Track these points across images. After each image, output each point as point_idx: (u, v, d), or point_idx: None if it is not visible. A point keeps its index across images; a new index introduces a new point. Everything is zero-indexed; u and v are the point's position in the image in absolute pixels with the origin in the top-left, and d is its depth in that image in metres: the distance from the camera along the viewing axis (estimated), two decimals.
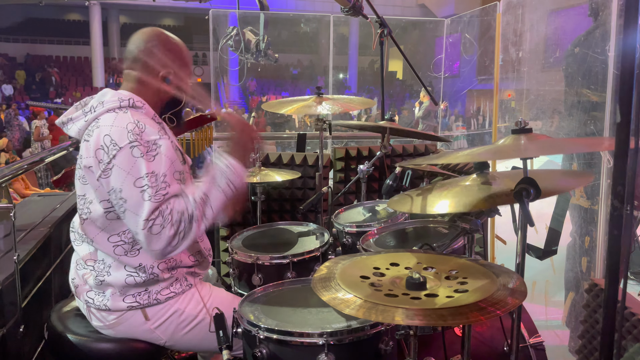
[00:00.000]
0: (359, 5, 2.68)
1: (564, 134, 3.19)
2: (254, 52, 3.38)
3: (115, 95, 1.58)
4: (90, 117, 1.55)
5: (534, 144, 1.27)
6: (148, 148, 1.50)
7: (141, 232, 1.45)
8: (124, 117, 1.52)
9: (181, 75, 1.70)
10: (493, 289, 1.17)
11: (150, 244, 1.46)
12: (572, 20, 3.41)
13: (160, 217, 1.45)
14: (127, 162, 1.46)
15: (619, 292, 1.01)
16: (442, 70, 6.17)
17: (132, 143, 1.47)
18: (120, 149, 1.47)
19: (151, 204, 1.45)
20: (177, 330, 1.66)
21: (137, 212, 1.45)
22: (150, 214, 1.44)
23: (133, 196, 1.46)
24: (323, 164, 2.74)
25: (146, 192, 1.45)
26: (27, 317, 1.92)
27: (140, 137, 1.49)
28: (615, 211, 0.97)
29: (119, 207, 1.49)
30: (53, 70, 20.90)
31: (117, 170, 1.46)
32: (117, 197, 1.47)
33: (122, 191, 1.46)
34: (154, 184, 1.47)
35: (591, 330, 2.28)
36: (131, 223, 1.47)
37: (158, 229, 1.45)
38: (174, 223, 1.46)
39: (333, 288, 1.23)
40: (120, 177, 1.46)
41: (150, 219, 1.44)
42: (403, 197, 1.51)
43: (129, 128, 1.49)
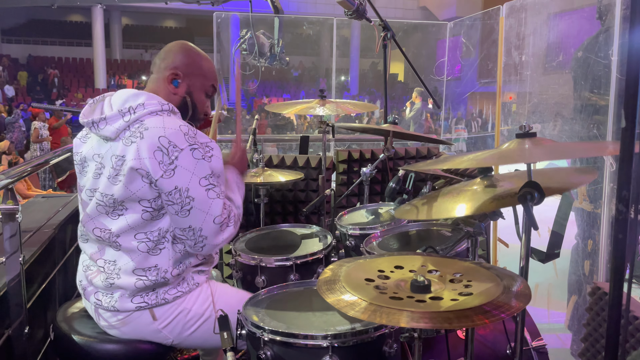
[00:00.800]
0: (362, 8, 2.69)
1: (566, 137, 3.19)
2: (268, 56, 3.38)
3: (151, 98, 1.59)
4: (131, 118, 1.54)
5: (538, 148, 1.28)
6: (205, 150, 1.56)
7: (212, 227, 1.56)
8: (171, 121, 1.55)
9: (194, 83, 1.71)
10: (497, 292, 1.17)
11: (215, 237, 1.59)
12: (575, 24, 3.42)
13: (227, 215, 1.61)
14: (191, 163, 1.52)
15: (623, 295, 1.02)
16: (444, 73, 6.18)
17: (192, 145, 1.53)
18: (181, 151, 1.51)
19: (219, 201, 1.57)
20: (184, 330, 1.67)
21: (205, 209, 1.55)
22: (222, 210, 1.58)
23: (200, 195, 1.54)
24: (326, 166, 2.75)
25: (212, 190, 1.56)
26: (32, 319, 1.93)
27: (196, 139, 1.55)
28: (620, 215, 0.97)
29: (183, 205, 1.54)
30: (54, 72, 20.93)
31: (181, 171, 1.51)
32: (182, 196, 1.53)
33: (189, 190, 1.53)
34: (217, 182, 1.58)
35: (594, 333, 2.28)
36: (196, 220, 1.55)
37: (225, 225, 1.60)
38: (236, 221, 1.65)
39: (338, 290, 1.24)
40: (186, 177, 1.52)
41: (222, 215, 1.58)
42: (410, 207, 1.51)
43: (184, 130, 1.53)
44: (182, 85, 1.69)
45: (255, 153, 2.71)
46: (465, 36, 6.47)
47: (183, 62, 1.69)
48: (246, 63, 3.61)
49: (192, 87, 1.71)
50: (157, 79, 1.69)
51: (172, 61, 1.68)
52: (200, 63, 1.72)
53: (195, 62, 1.71)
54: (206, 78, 1.74)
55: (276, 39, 3.42)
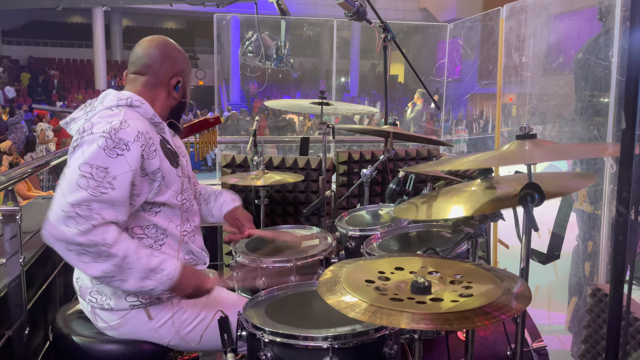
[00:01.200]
0: (362, 10, 2.70)
1: (567, 138, 3.19)
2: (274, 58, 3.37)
3: (115, 95, 1.62)
4: (90, 116, 1.58)
5: (538, 149, 1.28)
6: (115, 145, 1.48)
7: (58, 212, 1.40)
8: (113, 114, 1.55)
9: (186, 82, 1.75)
10: (498, 294, 1.17)
11: (57, 225, 1.39)
12: (575, 25, 3.42)
13: (85, 217, 1.40)
14: (89, 147, 1.47)
15: (623, 297, 1.01)
16: (444, 75, 6.19)
17: (103, 134, 1.49)
18: (90, 134, 1.49)
19: (85, 194, 1.41)
20: (180, 329, 1.67)
21: (65, 191, 1.42)
22: (79, 202, 1.40)
23: (70, 176, 1.44)
24: (326, 167, 2.75)
25: (86, 180, 1.42)
26: (32, 320, 1.93)
27: (115, 132, 1.49)
28: (620, 217, 0.97)
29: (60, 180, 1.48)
30: (55, 73, 20.94)
31: (78, 152, 1.48)
32: (62, 172, 1.48)
33: (67, 167, 1.48)
34: (100, 179, 1.44)
35: (594, 335, 2.28)
36: (55, 200, 1.43)
37: (72, 222, 1.39)
38: (93, 234, 1.41)
39: (338, 292, 1.23)
40: (75, 157, 1.48)
41: (75, 205, 1.39)
42: (409, 205, 1.52)
43: (113, 123, 1.51)
44: (182, 89, 1.73)
45: (256, 155, 2.71)
46: (465, 37, 6.47)
47: (181, 66, 1.72)
48: (247, 64, 3.63)
49: (185, 86, 1.75)
50: (155, 83, 1.67)
51: (172, 67, 1.69)
52: (187, 62, 1.76)
53: (185, 62, 1.74)
54: (190, 73, 1.77)
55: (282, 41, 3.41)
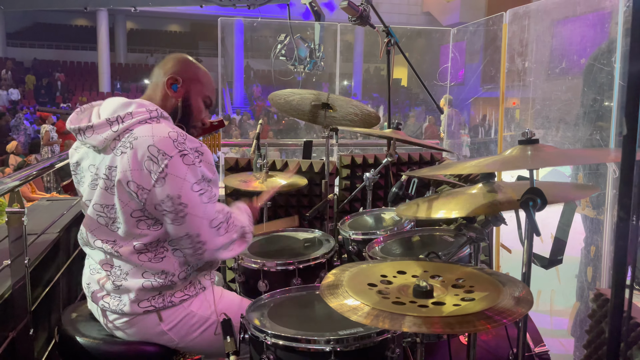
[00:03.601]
0: (366, 14, 2.71)
1: (569, 143, 3.20)
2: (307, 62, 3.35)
3: (140, 106, 1.59)
4: (120, 128, 1.54)
5: (541, 154, 1.29)
6: (195, 155, 1.55)
7: (208, 232, 1.56)
8: (161, 128, 1.54)
9: (191, 88, 1.72)
10: (499, 298, 1.18)
11: (214, 241, 1.58)
12: (578, 31, 3.43)
13: (224, 219, 1.61)
14: (181, 170, 1.50)
15: (625, 302, 1.02)
16: (447, 79, 6.20)
17: (181, 152, 1.51)
18: (171, 158, 1.49)
19: (213, 205, 1.57)
20: (188, 333, 1.68)
21: (199, 214, 1.54)
22: (216, 214, 1.58)
23: (193, 200, 1.52)
24: (329, 171, 2.75)
25: (204, 195, 1.55)
26: (37, 321, 1.94)
27: (185, 145, 1.53)
28: (621, 222, 0.98)
29: (177, 212, 1.52)
30: (60, 75, 21.03)
31: (172, 178, 1.49)
32: (175, 204, 1.50)
33: (181, 197, 1.50)
34: (208, 187, 1.57)
35: (596, 340, 2.27)
36: (192, 226, 1.54)
37: (224, 230, 1.61)
38: (236, 227, 1.65)
39: (341, 295, 1.24)
40: (177, 184, 1.50)
41: (217, 218, 1.58)
42: (410, 205, 1.53)
43: (172, 137, 1.51)
44: (180, 90, 1.70)
45: (259, 158, 2.72)
46: (469, 42, 6.48)
47: (182, 68, 1.71)
48: (251, 68, 3.63)
49: (190, 92, 1.72)
50: (156, 84, 1.71)
51: (172, 67, 1.71)
52: (199, 73, 1.76)
53: (194, 71, 1.74)
54: (204, 86, 1.75)
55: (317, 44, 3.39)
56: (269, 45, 13.91)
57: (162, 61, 1.75)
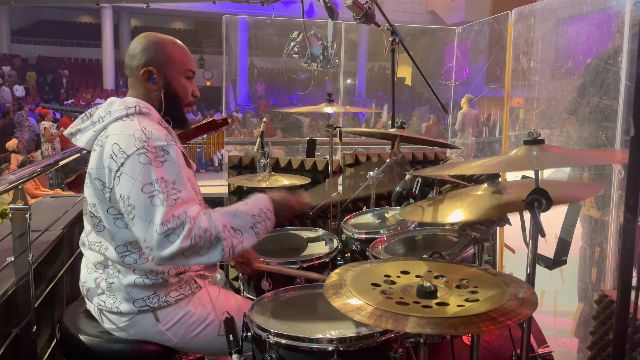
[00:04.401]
0: (371, 13, 2.70)
1: (574, 143, 3.18)
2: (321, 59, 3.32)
3: (122, 103, 1.59)
4: (99, 127, 1.56)
5: (546, 155, 1.28)
6: (156, 154, 1.48)
7: (154, 237, 1.41)
8: (130, 125, 1.53)
9: (169, 72, 1.66)
10: (504, 299, 1.17)
11: (161, 248, 1.41)
12: (584, 30, 3.41)
13: (179, 225, 1.42)
14: (134, 169, 1.46)
15: (630, 304, 1.01)
16: (452, 78, 6.18)
17: (139, 150, 1.47)
18: (127, 157, 1.47)
19: (164, 208, 1.43)
20: (187, 332, 1.67)
21: (146, 217, 1.43)
22: (165, 218, 1.42)
23: (141, 202, 1.44)
24: (333, 170, 2.75)
25: (156, 197, 1.44)
26: (40, 318, 1.95)
27: (147, 143, 1.49)
28: (627, 224, 0.97)
29: (127, 214, 1.47)
30: (64, 72, 21.07)
31: (125, 178, 1.46)
32: (125, 205, 1.46)
33: (130, 198, 1.45)
34: (165, 189, 1.45)
35: (600, 341, 2.27)
36: (140, 229, 1.44)
37: (174, 236, 1.42)
38: (193, 236, 1.43)
39: (344, 295, 1.24)
40: (128, 184, 1.45)
41: (164, 223, 1.41)
42: (415, 208, 1.52)
43: (136, 135, 1.49)
44: (159, 80, 1.65)
45: (263, 157, 2.71)
46: (473, 41, 6.46)
47: (152, 55, 1.63)
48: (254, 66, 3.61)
49: (169, 77, 1.66)
50: (134, 82, 1.67)
51: (141, 58, 1.64)
52: (168, 50, 1.66)
53: (164, 51, 1.65)
54: (179, 63, 1.67)
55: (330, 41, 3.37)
56: (273, 44, 13.90)
57: (128, 51, 1.66)
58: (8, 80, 18.70)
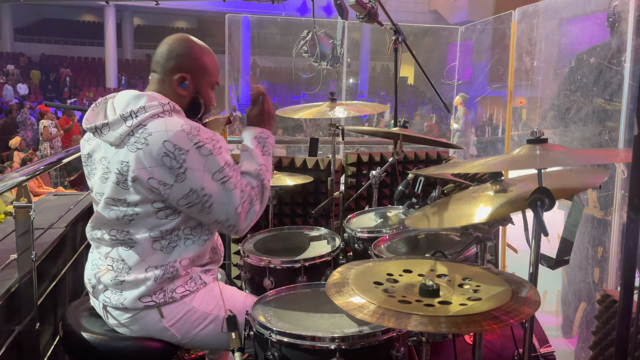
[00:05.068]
0: (374, 12, 2.70)
1: (577, 143, 3.18)
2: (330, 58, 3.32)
3: (152, 99, 1.58)
4: (134, 123, 1.53)
5: (549, 154, 1.27)
6: (212, 144, 1.56)
7: (235, 217, 1.60)
8: (173, 122, 1.54)
9: (200, 81, 1.70)
10: (506, 298, 1.17)
11: (244, 222, 1.63)
12: (587, 30, 3.40)
13: (248, 198, 1.63)
14: (199, 162, 1.53)
15: (633, 304, 1.01)
16: (455, 78, 6.17)
17: (197, 144, 1.52)
18: (187, 152, 1.51)
19: (237, 190, 1.60)
20: (191, 329, 1.68)
21: (224, 201, 1.58)
22: (240, 198, 1.60)
23: (216, 189, 1.56)
24: (335, 168, 2.75)
25: (227, 182, 1.58)
26: (43, 315, 1.95)
27: (200, 135, 1.54)
28: (631, 223, 0.97)
29: (203, 203, 1.56)
30: (67, 71, 21.11)
31: (192, 172, 1.52)
32: (199, 196, 1.55)
33: (205, 189, 1.54)
34: (230, 172, 1.59)
35: (602, 341, 2.26)
36: (219, 212, 1.59)
37: (250, 208, 1.64)
38: (256, 197, 1.66)
39: (347, 293, 1.24)
40: (198, 176, 1.53)
41: (241, 203, 1.60)
42: (421, 216, 1.52)
43: (186, 130, 1.52)
44: (190, 86, 1.68)
45: None
46: (476, 40, 6.46)
47: (189, 62, 1.67)
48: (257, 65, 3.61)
49: (200, 86, 1.70)
50: (163, 80, 1.68)
51: (178, 63, 1.66)
52: (204, 60, 1.71)
53: (200, 61, 1.69)
54: (211, 74, 1.74)
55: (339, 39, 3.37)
56: (276, 43, 13.88)
57: (163, 51, 1.68)
58: (12, 78, 18.74)
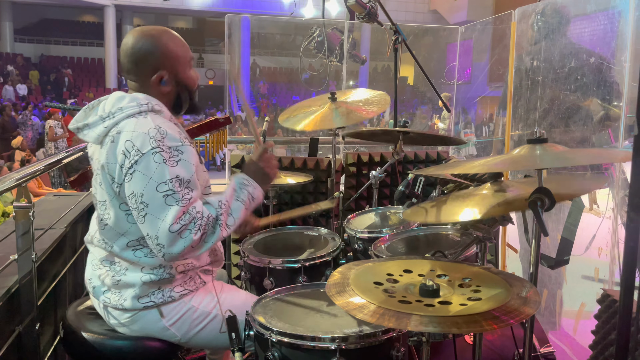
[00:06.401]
0: (373, 12, 2.70)
1: (576, 143, 3.18)
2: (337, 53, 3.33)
3: (132, 99, 1.57)
4: (110, 123, 1.55)
5: (549, 154, 1.28)
6: (170, 154, 1.51)
7: (166, 235, 1.46)
8: (144, 123, 1.53)
9: (177, 70, 1.66)
10: (507, 298, 1.17)
11: (173, 246, 1.47)
12: (588, 30, 3.40)
13: (190, 220, 1.48)
14: (149, 168, 1.48)
15: (633, 303, 1.01)
16: (454, 78, 6.17)
17: (154, 149, 1.49)
18: (142, 155, 1.48)
19: (177, 208, 1.48)
20: (190, 328, 1.68)
21: (159, 215, 1.47)
22: (178, 217, 1.47)
23: (155, 200, 1.47)
24: (335, 168, 2.75)
25: (171, 196, 1.48)
26: (43, 316, 1.95)
27: (162, 142, 1.51)
28: (631, 222, 0.97)
29: (138, 210, 1.49)
30: (67, 71, 21.11)
31: (139, 176, 1.48)
32: (137, 202, 1.48)
33: (144, 196, 1.48)
34: (179, 188, 1.49)
35: (602, 341, 2.26)
36: (150, 226, 1.48)
37: (186, 232, 1.48)
38: (200, 227, 1.50)
39: (347, 293, 1.24)
40: (142, 182, 1.48)
41: (177, 222, 1.47)
42: (418, 209, 1.52)
43: (151, 134, 1.50)
44: (169, 80, 1.65)
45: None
46: (476, 40, 6.46)
47: (158, 58, 1.62)
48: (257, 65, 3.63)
49: (179, 75, 1.67)
50: (142, 85, 1.64)
51: (148, 64, 1.62)
52: (169, 47, 1.64)
53: (167, 51, 1.64)
54: (183, 57, 1.68)
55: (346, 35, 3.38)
56: (276, 43, 13.86)
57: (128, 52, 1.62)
58: (13, 79, 18.73)
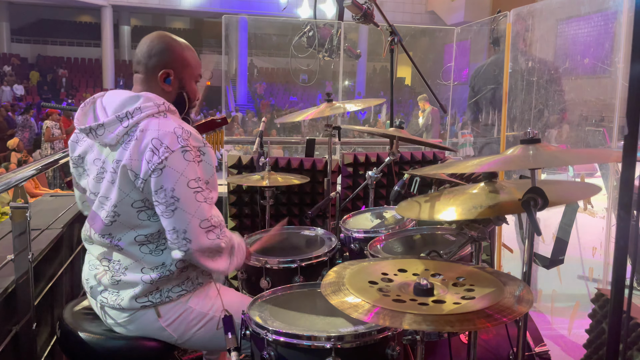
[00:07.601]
0: (370, 13, 2.71)
1: (571, 143, 3.20)
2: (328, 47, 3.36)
3: (148, 100, 1.59)
4: (130, 123, 1.55)
5: (543, 154, 1.29)
6: (195, 154, 1.56)
7: (196, 230, 1.53)
8: (167, 122, 1.56)
9: (183, 75, 1.71)
10: (500, 297, 1.18)
11: (199, 241, 1.54)
12: (582, 31, 3.43)
13: (217, 225, 1.58)
14: (180, 164, 1.52)
15: (624, 302, 1.02)
16: (451, 78, 6.19)
17: (183, 147, 1.53)
18: (172, 152, 1.51)
19: (207, 205, 1.55)
20: (187, 328, 1.69)
21: (190, 210, 1.53)
22: (208, 215, 1.55)
23: (187, 195, 1.53)
24: (331, 169, 2.76)
25: (200, 194, 1.55)
26: (40, 316, 1.96)
27: (189, 141, 1.55)
28: (621, 222, 0.98)
29: (168, 205, 1.53)
30: (64, 72, 21.06)
31: (169, 171, 1.51)
32: (167, 196, 1.52)
33: (175, 190, 1.52)
34: (204, 187, 1.56)
35: (596, 340, 2.28)
36: (180, 220, 1.53)
37: (213, 234, 1.57)
38: (224, 238, 1.61)
39: (342, 292, 1.25)
40: (173, 177, 1.51)
41: (209, 219, 1.56)
42: (411, 203, 1.53)
43: (177, 133, 1.54)
44: (174, 82, 1.69)
45: (262, 156, 2.72)
46: (473, 41, 6.47)
47: (170, 58, 1.68)
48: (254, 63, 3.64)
49: (184, 79, 1.72)
50: (147, 79, 1.68)
51: (160, 60, 1.67)
52: (185, 55, 1.71)
53: (181, 55, 1.70)
54: (193, 68, 1.74)
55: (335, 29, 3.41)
56: (273, 43, 13.83)
57: (143, 50, 1.69)
58: (9, 79, 18.68)
